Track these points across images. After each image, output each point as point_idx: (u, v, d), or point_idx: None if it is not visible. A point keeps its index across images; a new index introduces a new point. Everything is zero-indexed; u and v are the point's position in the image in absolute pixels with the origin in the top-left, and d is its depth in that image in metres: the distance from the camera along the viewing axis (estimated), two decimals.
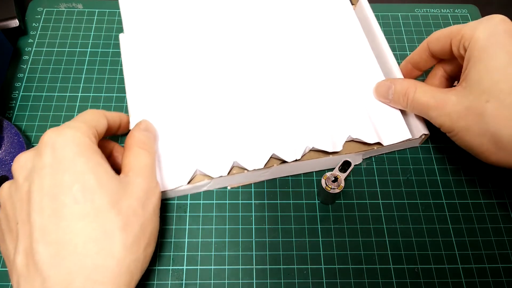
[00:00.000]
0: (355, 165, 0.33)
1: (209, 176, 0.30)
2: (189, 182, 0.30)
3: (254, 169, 0.30)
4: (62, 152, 0.23)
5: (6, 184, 0.25)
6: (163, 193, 0.29)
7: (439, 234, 0.30)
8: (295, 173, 0.32)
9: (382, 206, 0.31)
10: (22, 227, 0.22)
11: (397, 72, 0.34)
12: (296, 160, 0.30)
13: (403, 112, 0.33)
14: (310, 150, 0.31)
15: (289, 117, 0.32)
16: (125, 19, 0.37)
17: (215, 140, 0.31)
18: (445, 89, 0.28)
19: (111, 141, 0.31)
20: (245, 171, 0.30)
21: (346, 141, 0.31)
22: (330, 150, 0.30)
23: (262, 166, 0.30)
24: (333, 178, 0.29)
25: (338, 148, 0.31)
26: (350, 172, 0.29)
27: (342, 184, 0.29)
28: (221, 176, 0.30)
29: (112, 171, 0.25)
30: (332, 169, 0.31)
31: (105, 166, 0.24)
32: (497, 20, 0.26)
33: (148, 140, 0.29)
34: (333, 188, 0.29)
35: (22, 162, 0.24)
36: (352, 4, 0.39)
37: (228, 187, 0.32)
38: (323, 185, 0.29)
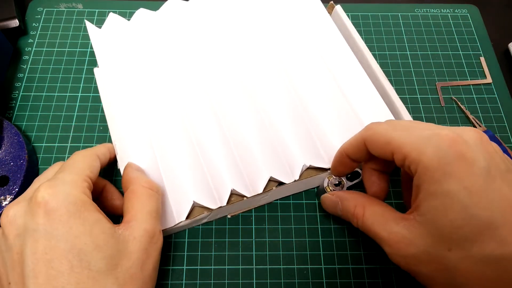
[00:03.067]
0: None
1: (208, 208, 0.28)
2: (187, 217, 0.28)
3: (253, 195, 0.28)
4: (57, 214, 0.22)
5: None
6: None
7: None
8: (295, 192, 0.32)
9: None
10: None
11: (381, 76, 0.33)
12: (295, 181, 0.29)
13: (393, 112, 0.32)
14: (307, 168, 0.30)
15: (282, 137, 0.30)
16: (98, 53, 0.35)
17: (209, 170, 0.29)
18: (398, 216, 0.23)
19: (103, 179, 0.29)
20: (244, 198, 0.28)
21: None
22: (326, 166, 0.30)
23: (261, 191, 0.28)
24: (337, 182, 0.29)
25: None
26: (355, 183, 0.29)
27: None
28: (220, 207, 0.28)
29: (110, 227, 0.23)
30: None
31: (102, 223, 0.23)
32: (446, 142, 0.20)
33: (149, 179, 0.27)
34: (333, 191, 0.29)
35: (11, 217, 0.23)
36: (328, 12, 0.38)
37: (228, 216, 0.31)
38: (324, 184, 0.29)
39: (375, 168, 0.27)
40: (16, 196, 0.29)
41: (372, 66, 0.34)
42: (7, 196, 0.30)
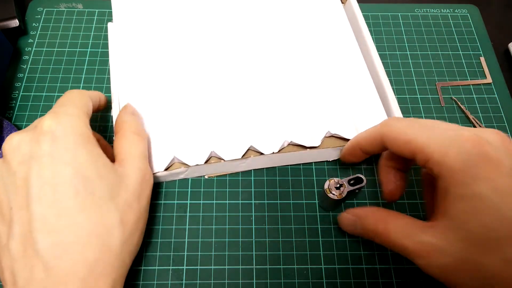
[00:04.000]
0: (332, 160, 0.33)
1: (186, 164, 0.30)
2: (166, 169, 0.30)
3: (231, 160, 0.30)
4: (63, 142, 0.23)
5: None
6: None
7: None
8: (271, 166, 0.33)
9: (382, 206, 0.31)
10: (18, 213, 0.21)
11: (380, 70, 0.34)
12: (273, 153, 0.30)
13: (386, 107, 0.33)
14: (289, 144, 0.31)
15: (269, 110, 0.32)
16: (115, 8, 0.37)
17: (194, 128, 0.31)
18: (424, 224, 0.22)
19: (96, 133, 0.30)
20: (222, 160, 0.30)
21: (325, 136, 0.31)
22: (307, 145, 0.30)
23: (239, 157, 0.30)
24: (338, 185, 0.29)
25: (316, 143, 0.31)
26: (357, 189, 0.29)
27: (344, 195, 0.29)
28: (197, 165, 0.30)
29: (110, 163, 0.24)
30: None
31: (104, 158, 0.24)
32: (469, 143, 0.20)
33: (139, 124, 0.29)
34: (333, 194, 0.29)
35: (15, 144, 0.23)
36: (342, 2, 0.39)
37: (205, 176, 0.32)
38: (325, 185, 0.29)
39: (393, 165, 0.26)
40: None
41: (374, 61, 0.35)
42: None
